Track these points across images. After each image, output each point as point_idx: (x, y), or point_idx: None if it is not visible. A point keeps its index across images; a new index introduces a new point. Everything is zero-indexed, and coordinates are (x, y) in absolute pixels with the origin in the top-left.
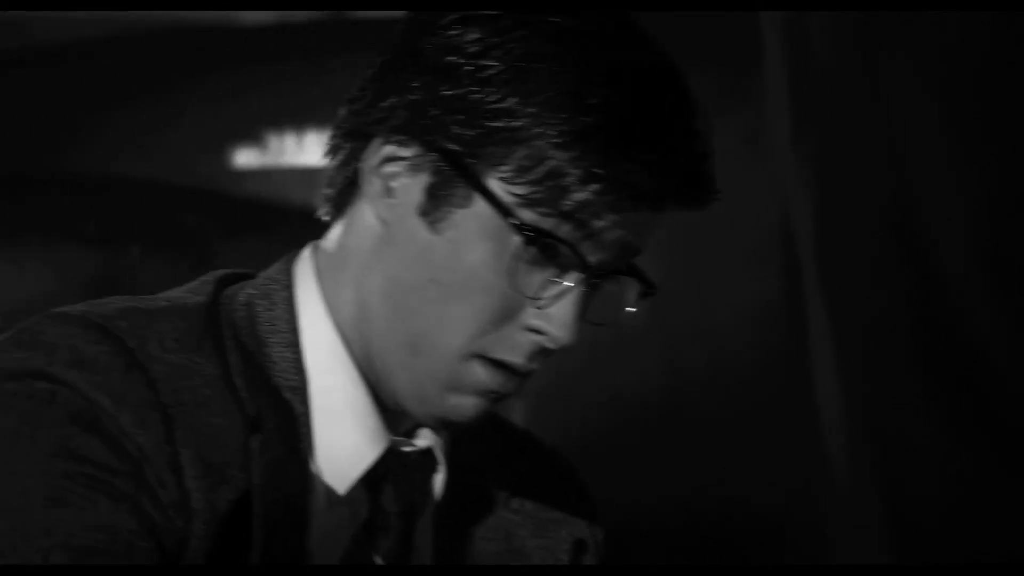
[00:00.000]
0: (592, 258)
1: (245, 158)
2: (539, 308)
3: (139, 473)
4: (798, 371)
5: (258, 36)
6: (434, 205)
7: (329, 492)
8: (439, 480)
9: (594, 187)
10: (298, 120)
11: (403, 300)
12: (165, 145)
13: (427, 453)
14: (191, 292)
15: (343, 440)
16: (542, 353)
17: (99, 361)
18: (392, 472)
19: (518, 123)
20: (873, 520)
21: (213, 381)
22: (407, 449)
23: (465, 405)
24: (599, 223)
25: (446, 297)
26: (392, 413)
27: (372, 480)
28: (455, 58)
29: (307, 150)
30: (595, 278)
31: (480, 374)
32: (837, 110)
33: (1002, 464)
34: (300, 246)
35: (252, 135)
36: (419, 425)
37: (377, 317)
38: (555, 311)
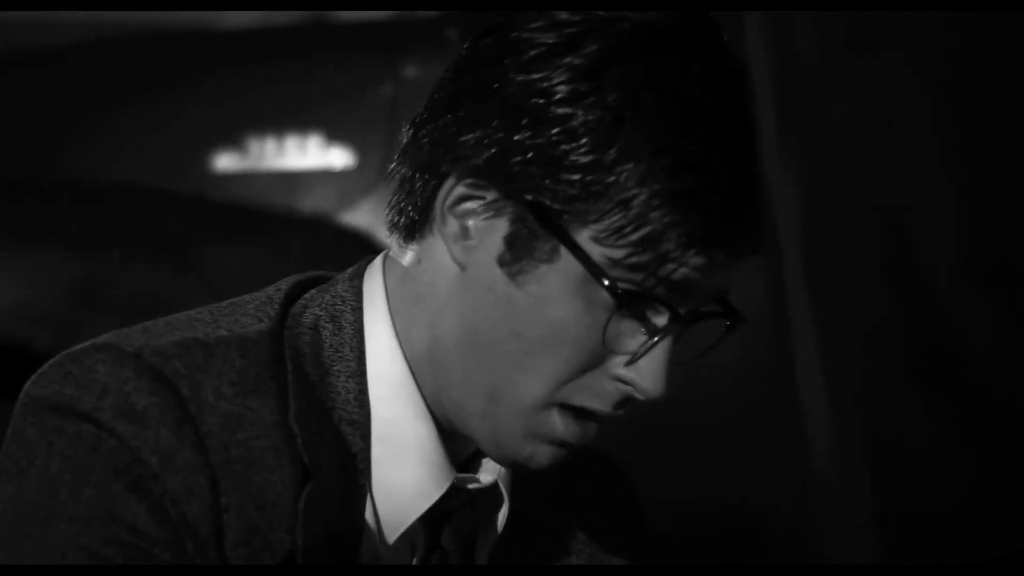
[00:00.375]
0: (683, 309)
1: (226, 162)
2: (629, 362)
3: (179, 542)
4: (785, 372)
5: (238, 40)
6: (515, 256)
7: (386, 529)
8: (502, 515)
9: (695, 250)
10: (279, 124)
11: (482, 350)
12: (145, 149)
13: (491, 488)
14: (256, 316)
15: (405, 477)
16: (627, 402)
17: (149, 414)
18: (454, 509)
19: (611, 179)
20: (865, 520)
21: (268, 430)
22: (472, 486)
23: (541, 453)
24: (694, 277)
25: (529, 351)
26: (456, 442)
27: (433, 516)
28: (542, 101)
29: (288, 154)
30: (684, 327)
31: (558, 424)
32: (823, 110)
33: (992, 464)
34: (283, 250)
35: (233, 139)
36: (479, 454)
37: (453, 363)
38: (645, 364)
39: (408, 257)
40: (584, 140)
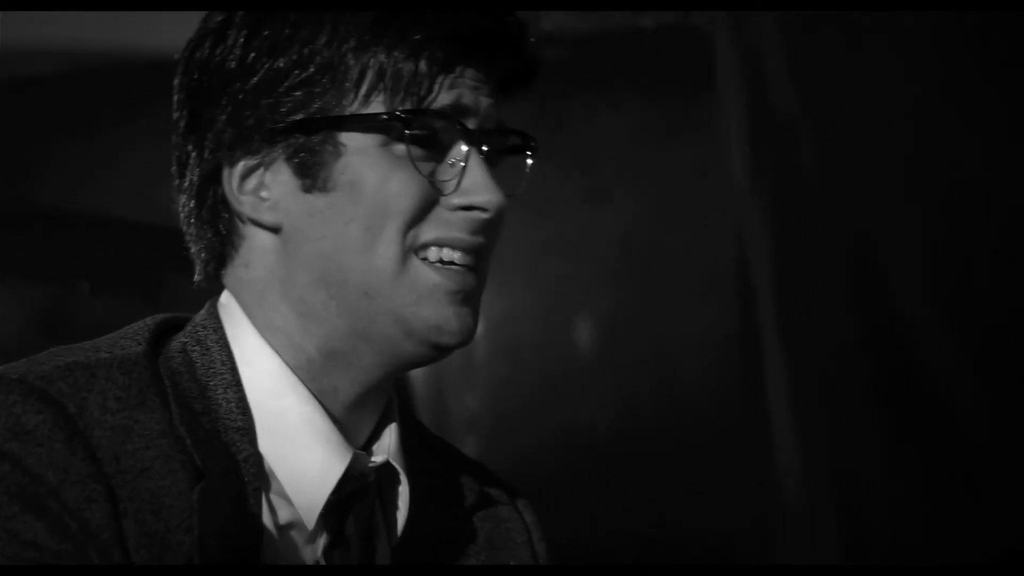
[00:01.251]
0: (469, 123)
1: None
2: (454, 188)
3: (83, 551)
4: (752, 403)
5: None
6: (313, 174)
7: (303, 515)
8: (403, 494)
9: (423, 55)
10: None
11: (335, 264)
12: (114, 179)
13: (386, 468)
14: (132, 339)
15: (306, 462)
16: (481, 227)
17: (40, 431)
18: (354, 495)
19: (329, 56)
20: (829, 548)
21: (156, 439)
22: (370, 464)
23: (446, 316)
24: (448, 83)
25: (367, 225)
26: (346, 429)
27: (333, 505)
28: (235, 58)
29: None
30: (479, 139)
31: (430, 274)
32: (794, 152)
33: (955, 493)
34: None
35: None
36: (370, 442)
37: (322, 306)
38: (467, 182)
39: (234, 273)
40: (286, 48)
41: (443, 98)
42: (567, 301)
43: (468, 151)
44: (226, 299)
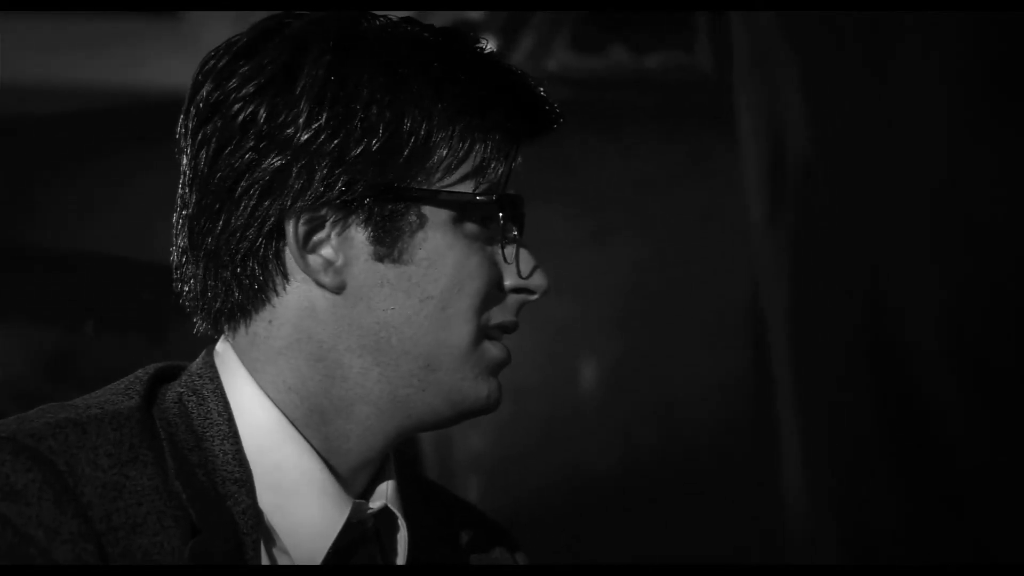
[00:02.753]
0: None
1: None
2: (511, 268)
3: None
4: (760, 447)
5: None
6: (390, 243)
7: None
8: (402, 540)
9: (497, 146)
10: None
11: (399, 336)
12: (119, 219)
13: (384, 513)
14: (125, 394)
15: (306, 515)
16: (523, 307)
17: (29, 491)
18: (355, 544)
19: (417, 132)
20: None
21: (148, 495)
22: (368, 511)
23: (494, 386)
24: (502, 170)
25: (444, 304)
26: (346, 480)
27: (333, 556)
28: (298, 107)
29: None
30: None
31: (493, 350)
32: (811, 197)
33: (963, 543)
34: None
35: None
36: (368, 490)
37: (362, 371)
38: (524, 265)
39: (251, 327)
40: (369, 115)
41: (503, 186)
42: (573, 343)
43: (519, 234)
44: (222, 348)
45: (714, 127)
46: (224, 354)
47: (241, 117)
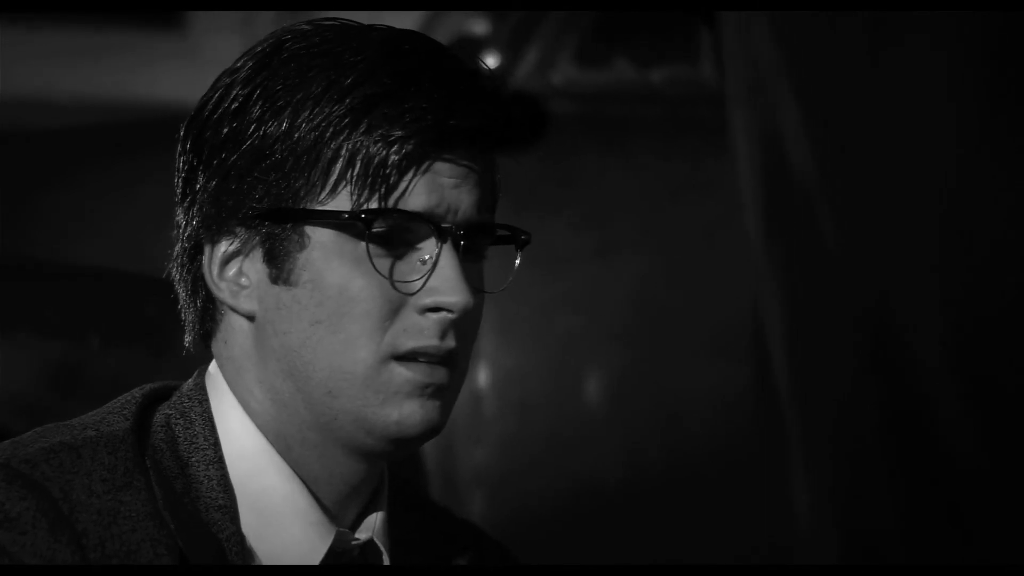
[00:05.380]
0: (444, 223)
1: None
2: (422, 288)
3: None
4: (763, 461)
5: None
6: (278, 265)
7: None
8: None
9: (394, 150)
10: None
11: (304, 365)
12: (124, 231)
13: (370, 546)
14: (121, 414)
15: (288, 540)
16: (451, 327)
17: (24, 519)
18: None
19: (299, 143)
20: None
21: (142, 521)
22: (353, 543)
23: (407, 409)
24: (422, 180)
25: (334, 328)
26: (331, 510)
27: None
28: (226, 129)
29: None
30: (455, 237)
31: (402, 373)
32: (810, 215)
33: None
34: None
35: None
36: (358, 521)
37: (290, 396)
38: (435, 281)
39: (216, 347)
40: (261, 135)
41: (416, 195)
42: (577, 357)
43: (439, 249)
44: (214, 369)
45: (718, 141)
46: (215, 375)
47: (187, 143)
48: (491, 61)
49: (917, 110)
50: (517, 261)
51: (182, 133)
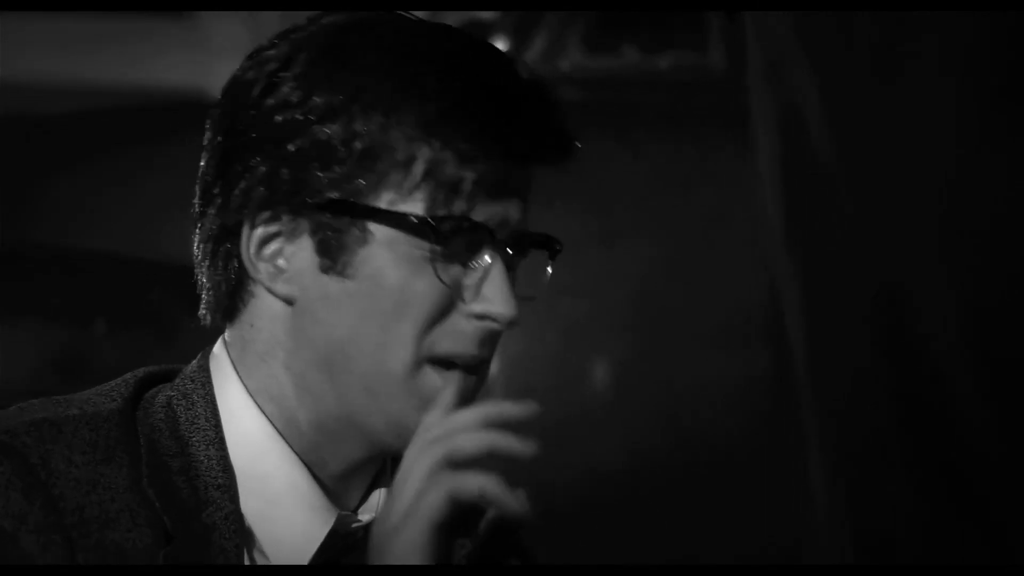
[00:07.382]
0: (499, 233)
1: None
2: (474, 295)
3: None
4: (770, 451)
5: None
6: (334, 257)
7: None
8: None
9: (469, 164)
10: None
11: (344, 356)
12: (129, 218)
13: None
14: (108, 396)
15: (288, 522)
16: (490, 339)
17: None
18: (342, 555)
19: (380, 138)
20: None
21: (122, 494)
22: (354, 525)
23: None
24: (491, 196)
25: (383, 325)
26: (334, 493)
27: (324, 563)
28: (282, 116)
29: None
30: (508, 249)
31: (435, 378)
32: (830, 202)
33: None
34: None
35: None
36: (361, 504)
37: (319, 386)
38: (488, 291)
39: (238, 328)
40: (331, 122)
41: (482, 208)
42: (582, 344)
43: (492, 259)
44: (219, 351)
45: (725, 128)
46: (219, 357)
47: (223, 123)
48: (499, 46)
49: (932, 98)
50: (549, 270)
51: (220, 111)
